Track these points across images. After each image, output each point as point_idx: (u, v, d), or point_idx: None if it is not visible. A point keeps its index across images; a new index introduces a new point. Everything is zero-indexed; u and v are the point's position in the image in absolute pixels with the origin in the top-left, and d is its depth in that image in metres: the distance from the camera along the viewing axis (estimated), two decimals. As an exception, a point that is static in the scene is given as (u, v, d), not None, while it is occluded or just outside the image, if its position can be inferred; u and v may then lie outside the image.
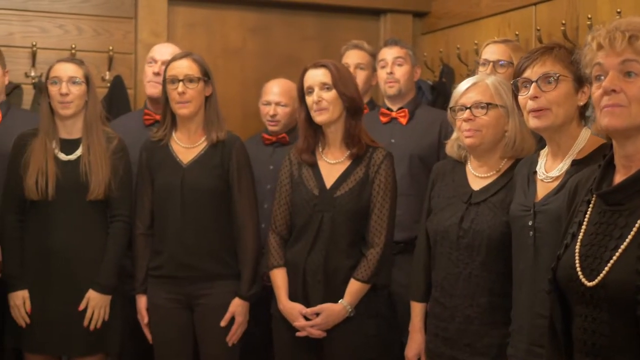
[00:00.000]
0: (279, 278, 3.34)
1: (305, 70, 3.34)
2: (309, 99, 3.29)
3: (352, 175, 3.30)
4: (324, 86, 3.27)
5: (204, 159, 3.52)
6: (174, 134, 3.58)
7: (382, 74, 4.13)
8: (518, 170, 2.77)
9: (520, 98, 2.59)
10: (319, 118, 3.29)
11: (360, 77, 4.34)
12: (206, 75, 3.55)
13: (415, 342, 3.14)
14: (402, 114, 4.08)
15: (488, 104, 2.88)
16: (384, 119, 4.10)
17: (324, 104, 3.26)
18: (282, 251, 3.37)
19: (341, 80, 3.29)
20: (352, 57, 4.39)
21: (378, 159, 3.31)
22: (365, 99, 4.39)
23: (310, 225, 3.28)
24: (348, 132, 3.31)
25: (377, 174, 3.29)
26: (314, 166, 3.36)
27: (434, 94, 4.77)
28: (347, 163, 3.32)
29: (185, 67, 3.51)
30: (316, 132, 3.36)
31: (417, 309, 3.14)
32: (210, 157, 3.52)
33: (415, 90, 4.27)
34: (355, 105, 3.31)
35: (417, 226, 3.56)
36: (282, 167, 3.44)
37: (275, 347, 3.43)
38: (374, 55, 4.45)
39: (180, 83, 3.47)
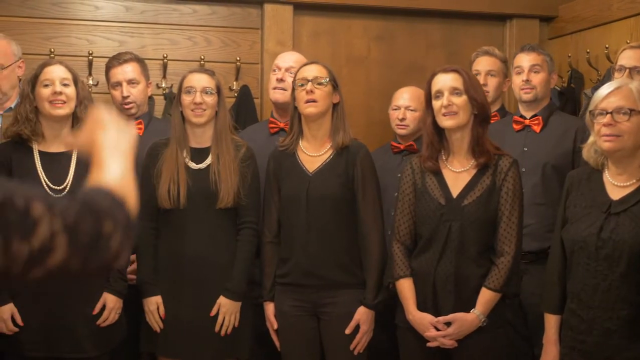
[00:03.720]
0: (406, 288, 3.30)
1: (433, 75, 3.30)
2: (437, 103, 3.24)
3: (478, 184, 3.23)
4: (454, 91, 3.21)
5: (329, 167, 3.53)
6: (300, 142, 3.60)
7: (517, 80, 4.01)
8: None
9: None
10: (447, 122, 3.22)
11: (492, 84, 4.27)
12: (334, 82, 3.57)
13: (550, 354, 3.06)
14: (536, 122, 3.97)
15: (631, 110, 2.78)
16: (516, 127, 4.00)
17: (454, 108, 3.20)
18: (408, 261, 3.32)
19: (472, 86, 3.23)
20: (483, 64, 4.32)
21: (505, 166, 3.24)
22: (496, 106, 4.34)
23: (437, 234, 3.23)
24: (475, 140, 3.24)
25: (505, 181, 3.21)
26: (438, 174, 3.30)
27: (562, 99, 4.66)
28: (473, 172, 3.26)
29: (314, 70, 3.54)
30: (441, 138, 3.32)
31: (551, 321, 3.06)
32: (335, 165, 3.52)
33: (550, 97, 4.16)
34: (484, 112, 3.25)
35: (550, 236, 3.50)
36: (404, 175, 3.39)
37: (402, 357, 3.41)
38: (504, 62, 4.37)
39: (309, 83, 3.50)
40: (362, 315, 3.47)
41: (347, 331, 3.46)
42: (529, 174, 3.83)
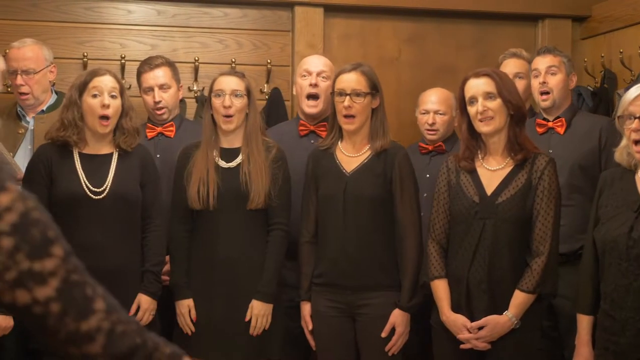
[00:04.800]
0: (441, 289, 3.28)
1: (465, 80, 3.27)
2: (472, 109, 3.22)
3: (513, 182, 3.21)
4: (488, 95, 3.19)
5: (368, 167, 3.53)
6: (339, 143, 3.61)
7: (535, 83, 4.02)
8: None
9: None
10: (484, 128, 3.20)
11: (520, 85, 4.23)
12: (374, 88, 3.55)
13: (583, 356, 3.04)
14: (559, 124, 3.96)
15: None
16: (540, 130, 3.99)
17: (490, 113, 3.18)
18: (443, 261, 3.31)
19: (505, 87, 3.21)
20: (511, 66, 4.29)
21: (541, 164, 3.21)
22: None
23: (471, 233, 3.21)
24: (512, 141, 3.22)
25: (541, 180, 3.18)
26: (473, 173, 3.28)
27: (596, 100, 4.62)
28: (509, 169, 3.23)
29: (353, 81, 3.52)
30: (477, 140, 3.30)
31: (584, 322, 3.04)
32: (374, 165, 3.52)
33: (571, 98, 4.14)
34: (520, 112, 3.23)
35: (579, 237, 3.48)
36: (440, 174, 3.38)
37: (436, 358, 3.40)
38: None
39: (347, 97, 3.49)
40: (397, 317, 3.46)
41: (383, 335, 3.45)
42: (555, 176, 3.82)
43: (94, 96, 3.48)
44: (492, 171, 3.25)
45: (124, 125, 3.53)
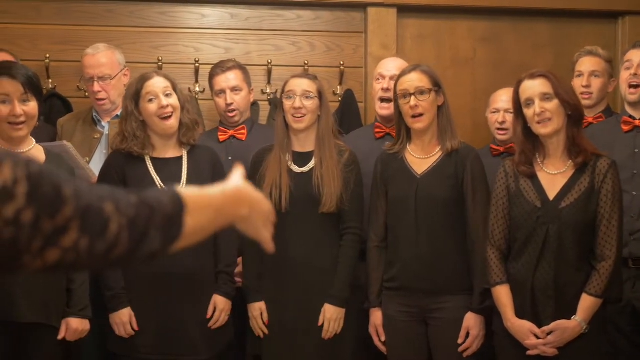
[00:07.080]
0: (504, 295, 3.24)
1: (520, 82, 3.24)
2: (529, 111, 3.18)
3: (576, 186, 3.16)
4: (544, 96, 3.15)
5: (439, 169, 3.49)
6: (408, 146, 3.57)
7: (625, 75, 3.88)
8: None
9: None
10: (543, 130, 3.16)
11: (596, 84, 4.15)
12: (437, 86, 3.52)
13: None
14: (647, 122, 3.84)
15: None
16: (625, 128, 3.87)
17: (548, 114, 3.14)
18: (504, 267, 3.26)
19: (562, 88, 3.17)
20: (586, 65, 4.19)
21: (603, 167, 3.15)
22: (602, 107, 4.22)
23: (534, 238, 3.16)
24: (571, 142, 3.17)
25: (604, 183, 3.13)
26: (533, 177, 3.23)
27: (678, 99, 4.47)
28: (570, 173, 3.18)
29: (415, 80, 3.49)
30: (534, 143, 3.25)
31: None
32: (445, 167, 3.48)
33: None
34: (578, 112, 3.18)
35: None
36: (497, 179, 3.33)
37: None
38: (609, 61, 4.24)
39: (412, 97, 3.46)
40: (471, 321, 3.43)
41: (460, 341, 3.42)
42: (641, 177, 3.71)
43: (150, 101, 3.50)
44: (553, 175, 3.20)
45: (182, 121, 3.55)
